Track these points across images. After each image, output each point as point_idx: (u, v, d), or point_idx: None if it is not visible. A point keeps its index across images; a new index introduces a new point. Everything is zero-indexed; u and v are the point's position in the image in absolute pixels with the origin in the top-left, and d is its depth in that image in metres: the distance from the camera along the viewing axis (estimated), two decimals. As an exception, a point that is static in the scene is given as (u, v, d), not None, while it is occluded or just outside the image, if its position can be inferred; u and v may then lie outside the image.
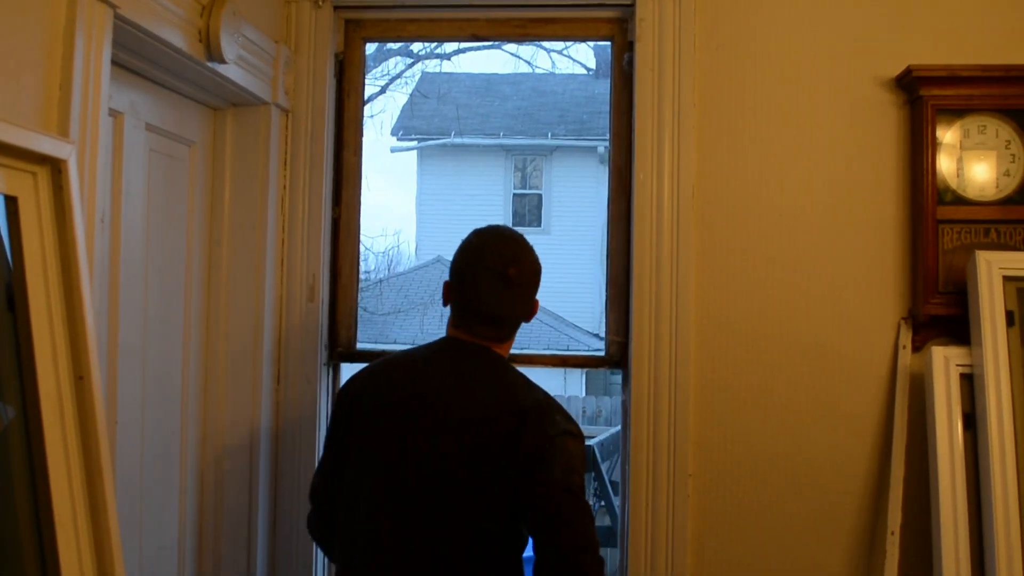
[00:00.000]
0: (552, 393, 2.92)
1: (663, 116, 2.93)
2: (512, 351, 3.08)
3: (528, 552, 2.14)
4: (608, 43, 3.12)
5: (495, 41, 10.58)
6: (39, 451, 1.77)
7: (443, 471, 2.11)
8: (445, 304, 2.32)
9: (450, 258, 2.34)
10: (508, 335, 2.32)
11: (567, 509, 2.08)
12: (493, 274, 2.24)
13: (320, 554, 3.05)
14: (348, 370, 3.38)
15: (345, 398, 2.32)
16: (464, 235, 2.38)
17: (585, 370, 13.60)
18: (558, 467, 2.09)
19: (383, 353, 3.71)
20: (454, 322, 2.30)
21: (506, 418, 2.13)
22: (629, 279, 2.99)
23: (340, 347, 3.14)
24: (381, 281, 14.84)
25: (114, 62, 2.21)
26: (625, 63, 3.05)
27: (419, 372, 2.26)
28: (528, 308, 2.32)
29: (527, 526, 2.12)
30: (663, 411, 2.89)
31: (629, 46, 3.03)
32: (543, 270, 2.38)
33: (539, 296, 2.38)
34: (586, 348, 13.15)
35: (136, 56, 2.39)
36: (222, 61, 2.54)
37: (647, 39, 2.95)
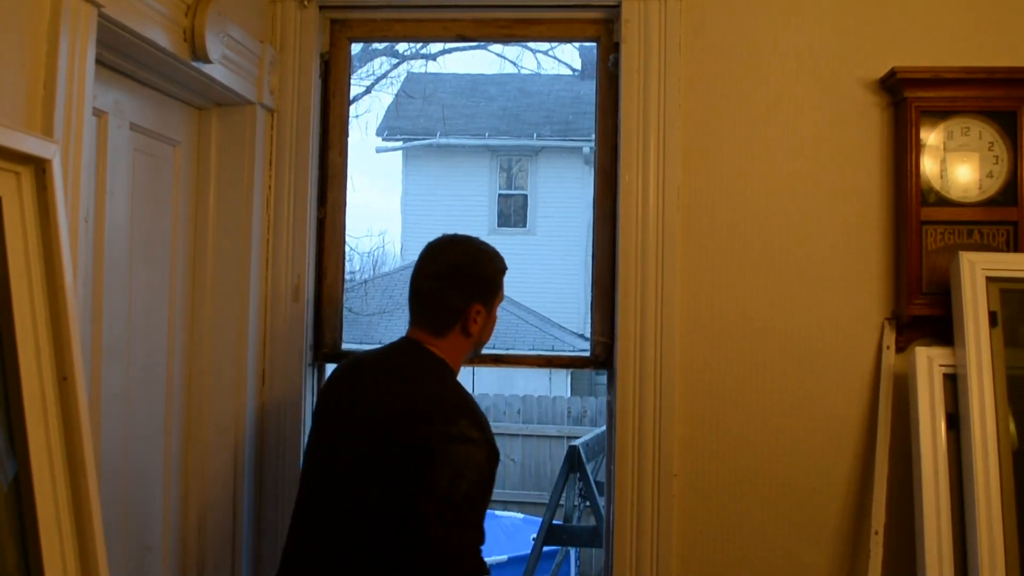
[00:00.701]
0: (537, 394, 2.91)
1: (649, 117, 2.93)
2: (497, 351, 3.10)
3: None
4: (594, 44, 3.12)
5: (481, 41, 10.59)
6: (22, 452, 1.76)
7: (345, 467, 2.23)
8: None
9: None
10: (440, 327, 2.36)
11: (439, 519, 2.07)
12: (433, 257, 2.40)
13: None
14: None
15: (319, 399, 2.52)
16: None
17: (570, 370, 13.61)
18: (445, 473, 2.09)
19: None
20: (415, 320, 2.42)
21: (405, 416, 2.18)
22: (614, 280, 2.99)
23: (325, 348, 3.13)
24: (366, 281, 14.83)
25: (98, 61, 2.20)
26: (611, 64, 3.05)
27: (360, 369, 2.41)
28: (462, 306, 2.35)
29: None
30: (648, 412, 2.89)
31: (615, 47, 3.03)
32: (529, 271, 2.43)
33: (524, 297, 2.43)
34: (571, 348, 13.16)
35: (121, 55, 2.38)
36: (207, 61, 2.53)
37: (633, 40, 2.95)
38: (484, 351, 3.03)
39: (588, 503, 6.24)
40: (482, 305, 2.37)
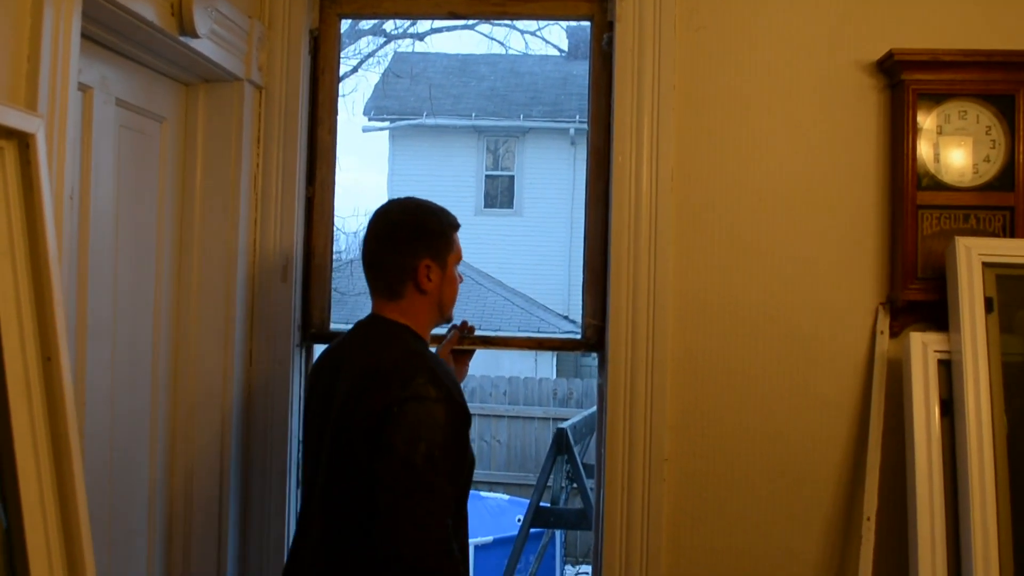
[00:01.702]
0: (523, 375, 2.88)
1: (643, 98, 2.90)
2: (486, 333, 3.08)
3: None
4: (588, 23, 3.08)
5: (473, 19, 10.52)
6: (5, 433, 1.74)
7: (325, 449, 2.23)
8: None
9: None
10: (394, 289, 2.34)
11: (395, 483, 2.03)
12: (376, 217, 2.38)
13: (292, 531, 3.01)
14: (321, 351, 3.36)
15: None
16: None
17: (556, 352, 13.62)
18: (400, 434, 2.05)
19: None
20: (371, 287, 2.41)
21: (365, 384, 2.17)
22: (606, 262, 2.97)
23: (313, 328, 3.10)
24: (352, 261, 14.79)
25: (84, 35, 2.17)
26: (604, 43, 3.02)
27: (331, 353, 2.44)
28: (409, 262, 2.32)
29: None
30: (639, 395, 2.87)
31: (609, 26, 3.00)
32: (514, 252, 2.44)
33: (510, 278, 2.42)
34: (556, 330, 13.19)
35: (107, 29, 2.34)
36: (195, 36, 2.49)
37: (627, 19, 2.92)
38: (474, 333, 3.02)
39: (575, 485, 6.24)
40: (431, 260, 2.32)
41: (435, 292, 2.36)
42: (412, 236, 2.34)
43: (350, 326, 2.76)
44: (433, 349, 2.68)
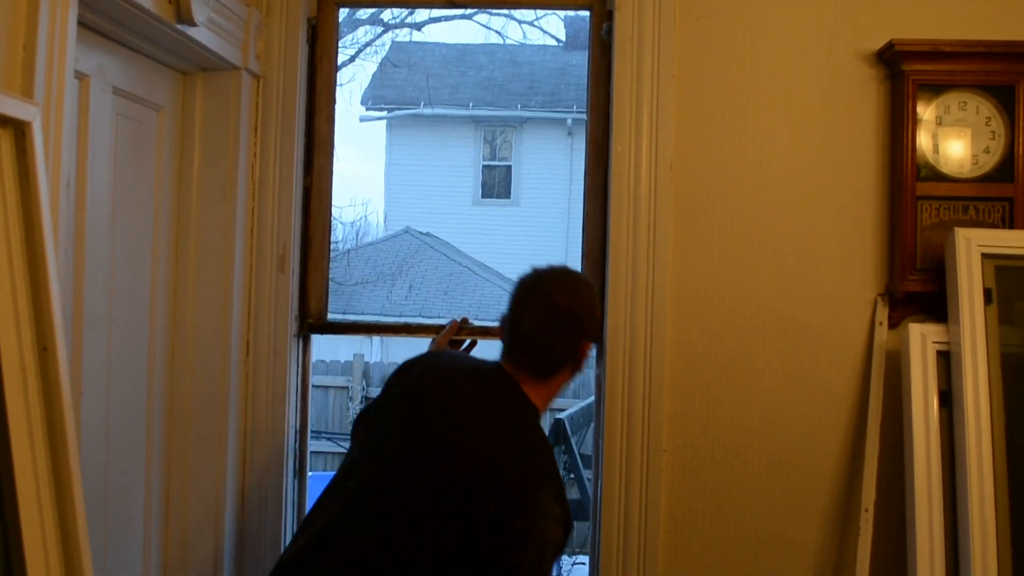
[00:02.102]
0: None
1: (642, 87, 2.89)
2: (484, 323, 3.07)
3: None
4: (587, 12, 3.07)
5: (471, 8, 10.50)
6: (1, 423, 1.72)
7: (408, 491, 2.09)
8: (502, 334, 2.34)
9: (419, 229, 2.35)
10: (548, 372, 2.28)
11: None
12: (541, 298, 2.27)
13: (289, 525, 3.03)
14: (318, 341, 3.35)
15: (398, 378, 2.37)
16: (436, 207, 2.38)
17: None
18: (529, 556, 2.03)
19: (354, 325, 3.67)
20: (504, 353, 2.31)
21: (490, 478, 2.08)
22: (605, 253, 2.96)
23: (311, 318, 3.09)
24: (349, 251, 14.81)
25: (81, 23, 2.15)
26: (604, 33, 3.01)
27: (451, 390, 2.28)
28: (574, 347, 2.28)
29: None
30: (638, 386, 2.87)
31: (608, 15, 2.99)
32: (512, 243, 2.37)
33: (507, 268, 2.37)
34: (554, 320, 13.16)
35: (104, 17, 2.32)
36: (192, 24, 2.47)
37: (627, 8, 2.90)
38: (473, 323, 3.03)
39: (572, 476, 6.25)
40: (592, 341, 2.34)
41: (583, 366, 2.35)
42: (580, 322, 2.30)
43: (347, 316, 2.75)
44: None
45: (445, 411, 2.22)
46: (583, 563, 9.21)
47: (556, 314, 2.25)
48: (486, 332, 3.08)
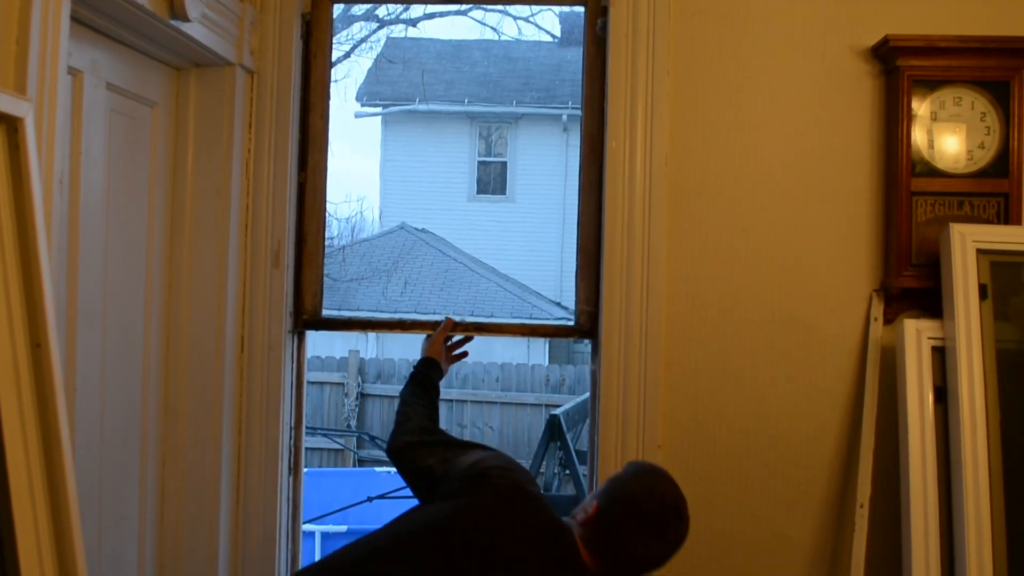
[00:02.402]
0: (516, 362, 2.86)
1: (636, 83, 2.88)
2: (479, 319, 3.08)
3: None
4: (582, 8, 3.07)
5: (466, 4, 10.49)
6: (-6, 420, 1.72)
7: None
8: (589, 523, 2.15)
9: (414, 225, 2.31)
10: None
11: None
12: (667, 543, 2.15)
13: (284, 522, 3.03)
14: (313, 338, 3.35)
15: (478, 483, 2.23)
16: (431, 203, 2.33)
17: (549, 339, 13.64)
18: None
19: (349, 321, 3.66)
20: (590, 547, 2.14)
21: None
22: (600, 248, 2.96)
23: (305, 315, 3.09)
24: (344, 248, 14.82)
25: (74, 18, 2.15)
26: (598, 29, 3.00)
27: (525, 540, 2.13)
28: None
29: None
30: (633, 381, 2.87)
31: (603, 11, 2.98)
32: (507, 239, 2.32)
33: (502, 264, 2.32)
34: (548, 316, 13.21)
35: (97, 13, 2.32)
36: (186, 19, 2.47)
37: (621, 4, 2.90)
38: (467, 319, 3.03)
39: (568, 472, 6.25)
40: None
41: None
42: None
43: (343, 313, 2.74)
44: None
45: (507, 557, 2.10)
46: (579, 559, 9.23)
47: (672, 548, 2.17)
48: (481, 328, 3.08)
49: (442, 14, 15.12)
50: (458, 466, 2.29)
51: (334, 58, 3.29)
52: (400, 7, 14.10)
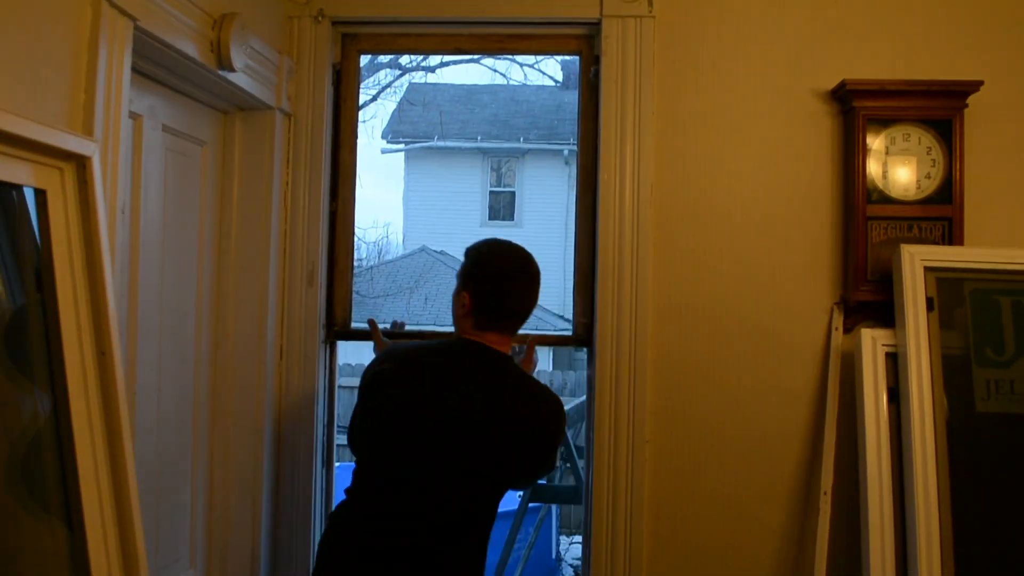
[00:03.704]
0: (523, 368, 2.87)
1: (625, 122, 2.91)
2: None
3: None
4: (577, 57, 3.09)
5: (477, 54, 10.54)
6: (65, 419, 1.75)
7: (481, 452, 2.20)
8: (465, 313, 2.30)
9: (434, 247, 2.35)
10: (517, 328, 2.35)
11: (550, 459, 2.32)
12: (523, 275, 2.31)
13: (318, 509, 3.05)
14: (343, 347, 3.36)
15: (382, 378, 2.32)
16: (448, 228, 2.39)
17: (553, 347, 13.61)
18: (558, 437, 2.31)
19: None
20: (481, 324, 2.30)
21: (532, 426, 2.23)
22: (594, 267, 2.98)
23: (336, 326, 3.11)
24: (372, 268, 14.80)
25: (134, 69, 2.18)
26: (592, 75, 3.03)
27: (458, 374, 2.27)
28: (536, 303, 2.35)
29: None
30: (624, 384, 2.88)
31: (595, 60, 3.01)
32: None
33: None
34: (552, 328, 13.16)
35: (154, 64, 2.35)
36: (231, 70, 2.49)
37: (612, 54, 2.93)
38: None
39: (568, 465, 6.23)
40: None
41: None
42: (540, 281, 2.37)
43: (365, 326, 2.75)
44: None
45: (461, 390, 2.23)
46: (579, 542, 9.19)
47: (534, 281, 2.33)
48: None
49: (456, 62, 15.15)
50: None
51: (362, 101, 3.31)
52: (420, 56, 14.13)
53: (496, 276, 2.30)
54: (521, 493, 6.38)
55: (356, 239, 3.19)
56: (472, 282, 2.30)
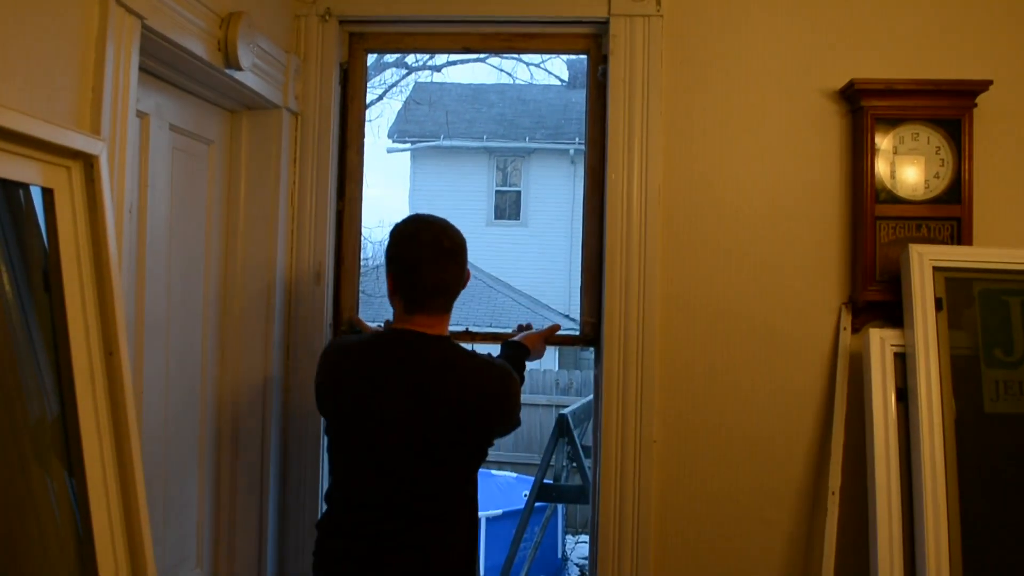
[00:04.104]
0: (529, 368, 2.86)
1: (633, 122, 2.90)
2: (496, 330, 3.08)
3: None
4: (584, 56, 3.08)
5: (484, 53, 10.54)
6: (73, 419, 1.74)
7: (424, 444, 2.17)
8: (392, 296, 2.28)
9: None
10: (446, 307, 2.28)
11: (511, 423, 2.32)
12: (433, 249, 2.22)
13: (323, 505, 3.03)
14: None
15: (319, 390, 2.33)
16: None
17: (559, 346, 13.60)
18: (519, 411, 2.33)
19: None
20: (407, 307, 2.25)
21: (473, 410, 2.19)
22: (601, 267, 2.97)
23: (343, 325, 3.10)
24: (378, 267, 14.80)
25: (141, 68, 2.17)
26: (599, 75, 3.02)
27: (396, 363, 2.22)
28: (463, 276, 2.28)
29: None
30: (631, 384, 2.87)
31: (603, 59, 3.00)
32: (521, 259, 2.37)
33: (517, 282, 2.35)
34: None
35: (161, 63, 2.35)
36: (239, 68, 2.49)
37: (619, 54, 2.92)
38: (483, 329, 3.04)
39: (575, 464, 6.23)
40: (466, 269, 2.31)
41: None
42: (463, 254, 2.27)
43: (377, 324, 2.74)
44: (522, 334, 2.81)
45: (393, 382, 2.20)
46: (585, 541, 9.19)
47: (449, 255, 2.23)
48: (497, 337, 3.09)
49: (463, 61, 15.13)
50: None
51: (368, 101, 3.31)
52: (426, 55, 14.13)
53: (408, 254, 2.23)
54: (527, 493, 6.38)
55: (362, 239, 3.18)
56: (390, 263, 2.27)
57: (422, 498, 2.20)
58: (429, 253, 2.21)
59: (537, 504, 6.25)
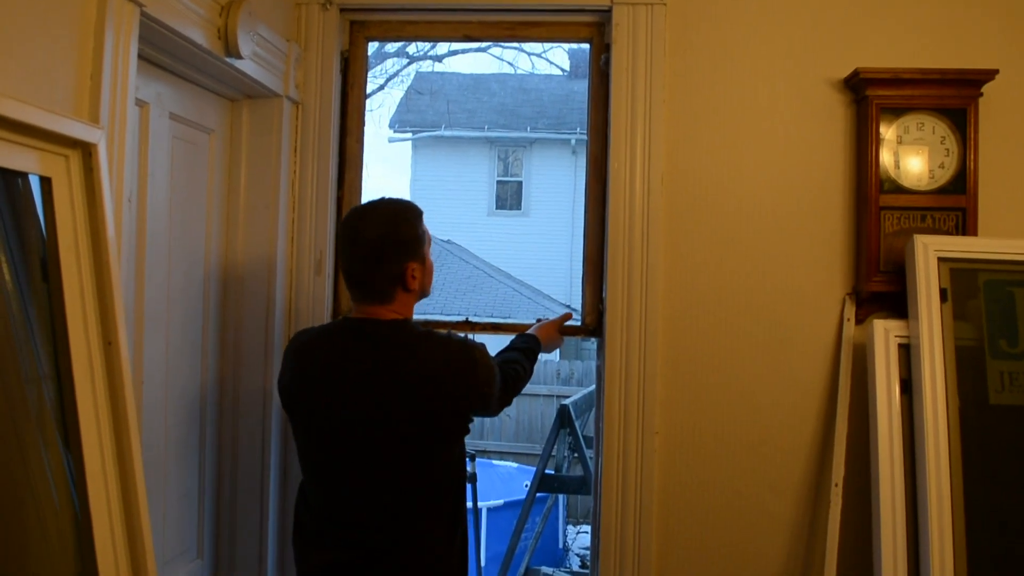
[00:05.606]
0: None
1: (636, 111, 2.88)
2: (496, 320, 3.07)
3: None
4: (587, 45, 3.07)
5: (486, 41, 10.52)
6: (71, 410, 1.74)
7: (382, 438, 2.14)
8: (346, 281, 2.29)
9: (441, 237, 2.31)
10: (386, 297, 2.22)
11: (498, 401, 2.34)
12: (353, 243, 2.21)
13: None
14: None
15: (289, 374, 2.31)
16: (455, 218, 2.34)
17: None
18: (493, 391, 2.28)
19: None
20: (353, 297, 2.27)
21: (429, 385, 2.14)
22: (604, 257, 2.95)
23: (344, 315, 3.09)
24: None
25: (140, 56, 2.16)
26: (602, 63, 3.00)
27: (344, 357, 2.20)
28: (393, 269, 2.21)
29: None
30: (633, 375, 2.86)
31: (606, 48, 2.98)
32: (522, 249, 2.35)
33: (518, 272, 2.34)
34: (560, 318, 13.14)
35: (161, 51, 2.33)
36: (239, 57, 2.48)
37: (622, 42, 2.90)
38: (484, 319, 3.04)
39: (576, 455, 6.23)
40: (415, 262, 2.23)
41: (419, 287, 2.29)
42: (393, 250, 2.20)
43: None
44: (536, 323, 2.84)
45: (327, 377, 2.19)
46: (586, 531, 9.20)
47: (366, 249, 2.18)
48: (498, 328, 3.09)
49: (464, 51, 15.16)
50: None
51: (369, 90, 3.29)
52: (427, 45, 14.12)
53: (342, 245, 2.25)
54: (528, 483, 6.38)
55: (364, 228, 3.17)
56: (337, 255, 2.29)
57: (403, 492, 2.16)
58: (351, 247, 2.21)
59: (538, 494, 6.25)
